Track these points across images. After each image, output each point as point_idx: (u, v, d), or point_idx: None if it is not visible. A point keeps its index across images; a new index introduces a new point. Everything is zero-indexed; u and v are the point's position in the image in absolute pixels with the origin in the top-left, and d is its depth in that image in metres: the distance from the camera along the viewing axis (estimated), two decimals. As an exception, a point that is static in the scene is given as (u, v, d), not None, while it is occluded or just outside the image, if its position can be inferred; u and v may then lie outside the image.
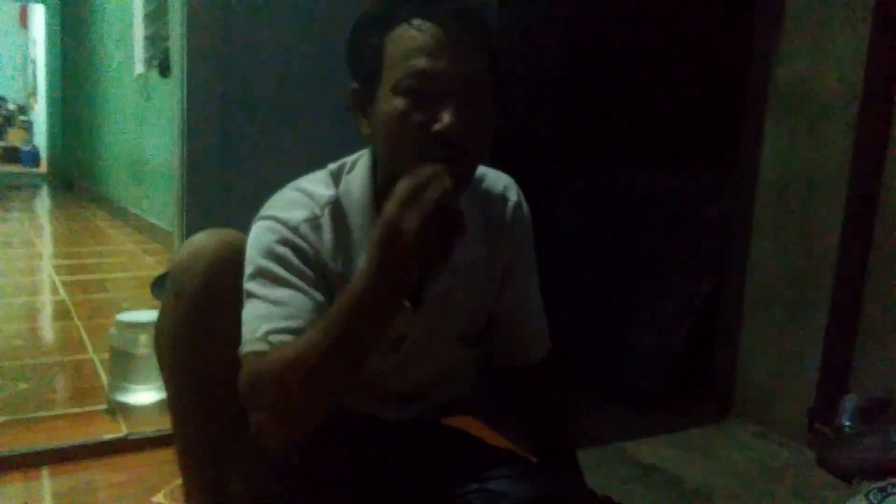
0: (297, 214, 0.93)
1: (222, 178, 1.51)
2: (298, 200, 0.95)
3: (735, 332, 1.96)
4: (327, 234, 0.94)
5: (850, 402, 1.66)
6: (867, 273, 1.67)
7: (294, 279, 0.89)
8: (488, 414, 1.66)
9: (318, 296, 0.90)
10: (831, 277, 1.73)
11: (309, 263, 0.91)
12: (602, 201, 2.48)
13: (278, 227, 0.92)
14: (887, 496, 1.45)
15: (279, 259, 0.90)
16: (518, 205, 1.08)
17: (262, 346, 0.85)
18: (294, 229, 0.92)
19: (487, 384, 1.25)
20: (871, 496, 1.46)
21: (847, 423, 1.63)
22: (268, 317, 0.87)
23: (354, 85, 0.93)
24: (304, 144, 1.51)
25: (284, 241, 0.91)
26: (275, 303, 0.87)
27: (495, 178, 1.07)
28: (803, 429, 1.76)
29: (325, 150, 1.52)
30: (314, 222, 0.94)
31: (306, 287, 0.89)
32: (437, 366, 1.10)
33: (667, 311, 2.08)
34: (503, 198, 1.07)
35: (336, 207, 0.96)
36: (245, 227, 0.97)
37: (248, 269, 0.91)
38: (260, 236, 0.92)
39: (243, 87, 1.51)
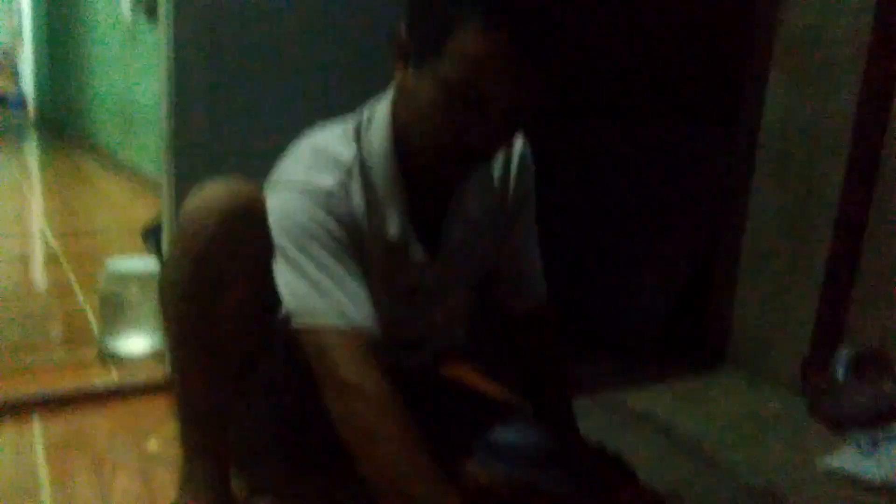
0: (328, 179, 0.90)
1: (211, 125, 1.47)
2: (324, 163, 0.92)
3: (731, 282, 1.96)
4: (356, 198, 0.92)
5: (844, 353, 1.66)
6: (866, 227, 1.66)
7: (341, 250, 0.88)
8: (484, 362, 1.66)
9: (359, 267, 0.90)
10: (830, 230, 1.71)
11: (345, 228, 0.90)
12: (600, 153, 2.44)
13: (314, 192, 0.89)
14: (878, 446, 1.46)
15: (321, 225, 0.88)
16: (524, 155, 1.09)
17: (332, 322, 0.85)
18: (329, 195, 0.90)
19: (483, 332, 1.24)
20: (862, 446, 1.47)
21: (840, 375, 1.64)
22: (322, 293, 0.86)
23: (403, 28, 0.90)
24: (295, 90, 1.47)
25: (322, 207, 0.89)
26: (327, 274, 0.86)
27: None
28: (796, 379, 1.76)
29: (318, 97, 1.49)
30: (344, 187, 0.92)
31: (345, 256, 0.89)
32: (444, 314, 1.11)
33: (663, 262, 2.07)
34: (507, 151, 1.07)
35: (362, 169, 0.93)
36: (236, 172, 0.94)
37: (287, 233, 0.88)
38: (296, 202, 0.89)
39: (233, 30, 1.45)
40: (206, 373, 0.97)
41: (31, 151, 6.66)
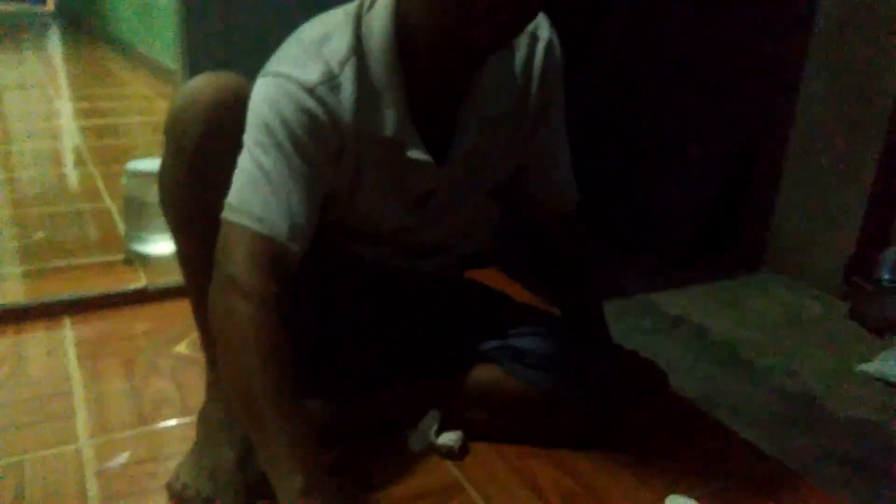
0: (313, 73, 0.83)
1: (225, 18, 1.39)
2: (314, 54, 0.84)
3: (774, 180, 1.87)
4: (347, 92, 0.84)
5: (891, 255, 1.59)
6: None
7: (295, 155, 0.82)
8: (513, 266, 1.62)
9: (313, 178, 0.84)
10: (885, 124, 1.60)
11: (319, 132, 0.84)
12: (637, 41, 2.29)
13: (292, 88, 0.82)
14: (922, 351, 1.41)
15: (286, 125, 0.82)
16: (550, 44, 0.96)
17: (246, 223, 0.81)
18: (310, 91, 0.82)
19: (512, 236, 1.19)
20: (904, 351, 1.43)
21: (886, 277, 1.58)
22: (262, 194, 0.81)
23: None
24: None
25: (298, 107, 0.82)
26: (268, 176, 0.82)
27: None
28: (838, 281, 1.70)
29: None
30: (332, 82, 0.84)
31: (304, 167, 0.83)
32: (462, 219, 1.05)
33: (700, 160, 1.98)
34: (534, 36, 0.95)
35: (358, 59, 0.85)
36: (251, 68, 0.88)
37: (253, 124, 0.84)
38: (271, 95, 0.83)
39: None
40: (211, 267, 0.94)
41: (54, 46, 6.56)
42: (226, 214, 0.83)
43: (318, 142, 0.84)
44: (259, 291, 0.80)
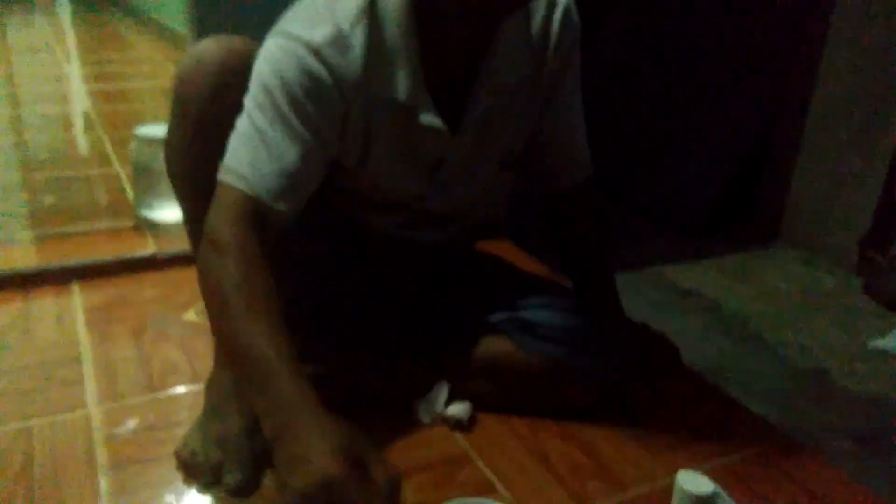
0: (320, 33, 0.81)
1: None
2: (325, 15, 0.82)
3: (791, 152, 1.83)
4: (356, 52, 0.82)
5: (909, 230, 1.57)
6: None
7: (294, 118, 0.81)
8: (523, 237, 1.60)
9: (310, 142, 0.82)
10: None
11: (321, 94, 0.82)
12: (658, 10, 2.24)
13: (297, 48, 0.80)
14: (938, 328, 1.40)
15: (286, 86, 0.80)
16: (568, 10, 0.94)
17: (231, 182, 0.81)
18: (315, 52, 0.80)
19: (524, 208, 1.17)
20: (920, 327, 1.41)
21: (903, 253, 1.55)
22: (253, 154, 0.80)
23: None
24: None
25: (300, 68, 0.80)
26: (262, 135, 0.81)
27: None
28: (853, 256, 1.68)
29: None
30: (341, 42, 0.81)
31: (302, 129, 0.81)
32: (474, 189, 1.02)
33: (720, 131, 1.94)
34: (551, 3, 0.93)
35: (371, 21, 0.83)
36: (261, 31, 0.86)
37: (255, 84, 0.82)
38: (274, 55, 0.81)
39: None
40: None
41: (63, 9, 6.50)
42: (218, 175, 0.82)
43: (320, 104, 0.82)
44: (237, 246, 0.79)
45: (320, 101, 0.82)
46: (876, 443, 1.12)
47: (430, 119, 0.87)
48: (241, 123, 0.82)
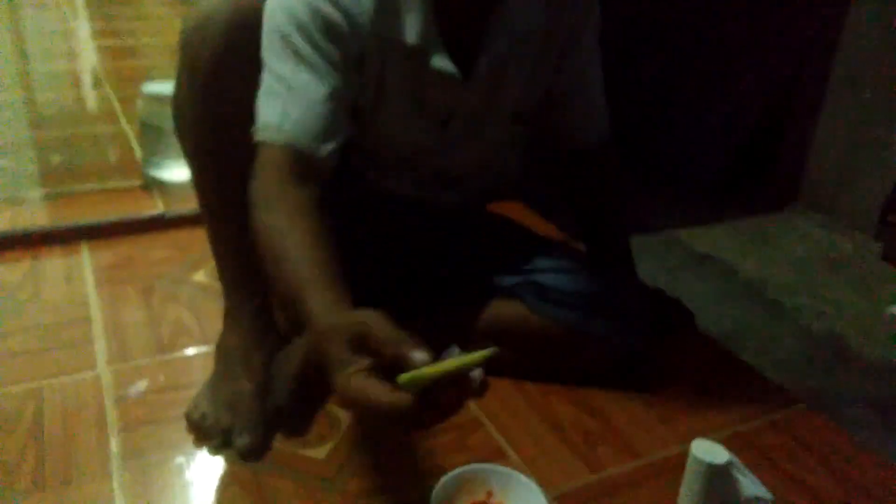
0: None
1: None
2: None
3: (813, 112, 1.78)
4: None
5: (932, 194, 1.53)
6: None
7: (315, 58, 0.79)
8: (537, 200, 1.57)
9: (335, 80, 0.80)
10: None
11: (337, 36, 0.80)
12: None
13: None
14: (959, 295, 1.37)
15: (303, 29, 0.78)
16: None
17: (268, 137, 0.79)
18: None
19: (538, 168, 1.15)
20: (940, 294, 1.38)
21: (925, 217, 1.52)
22: (283, 104, 0.79)
23: None
24: None
25: (315, 12, 0.78)
26: (287, 84, 0.79)
27: None
28: (873, 220, 1.64)
29: None
30: None
31: (326, 68, 0.80)
32: (486, 145, 1.00)
33: (740, 88, 1.89)
34: None
35: None
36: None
37: (269, 35, 0.80)
38: (287, 3, 0.79)
39: None
40: (227, 195, 0.90)
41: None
42: (256, 136, 0.80)
43: (338, 45, 0.80)
44: (282, 198, 0.77)
45: (338, 41, 0.80)
46: (893, 410, 1.10)
47: (441, 62, 0.85)
48: (265, 79, 0.81)
